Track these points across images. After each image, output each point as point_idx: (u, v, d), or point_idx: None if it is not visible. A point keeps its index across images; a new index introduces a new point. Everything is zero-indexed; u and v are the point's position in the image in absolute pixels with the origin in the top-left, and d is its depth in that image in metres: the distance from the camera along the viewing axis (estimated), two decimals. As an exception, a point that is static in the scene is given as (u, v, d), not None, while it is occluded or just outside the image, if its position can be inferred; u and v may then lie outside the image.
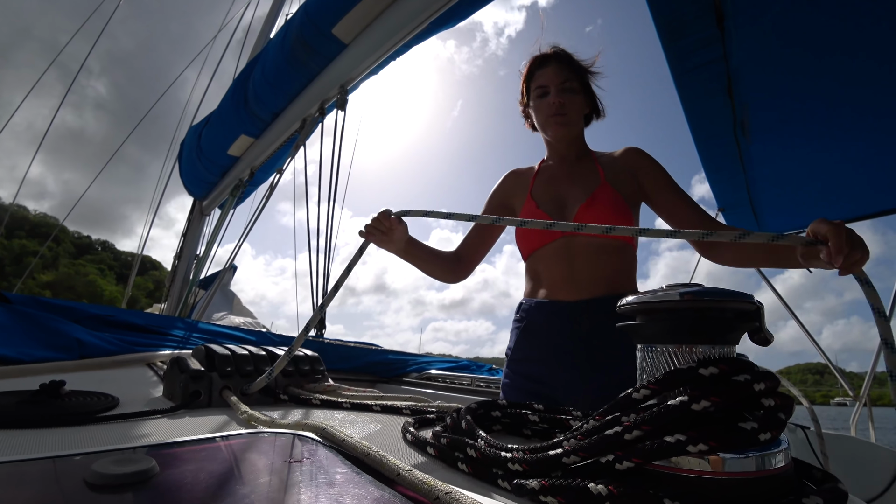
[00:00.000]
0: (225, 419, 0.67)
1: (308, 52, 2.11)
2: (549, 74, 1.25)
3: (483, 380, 1.92)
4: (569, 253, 1.21)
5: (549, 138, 1.32)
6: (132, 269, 5.41)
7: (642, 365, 0.40)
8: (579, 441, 0.36)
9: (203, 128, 3.29)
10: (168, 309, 3.79)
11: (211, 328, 1.78)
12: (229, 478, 0.36)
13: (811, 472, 0.39)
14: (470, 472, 0.42)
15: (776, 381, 0.35)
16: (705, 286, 0.37)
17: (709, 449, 0.31)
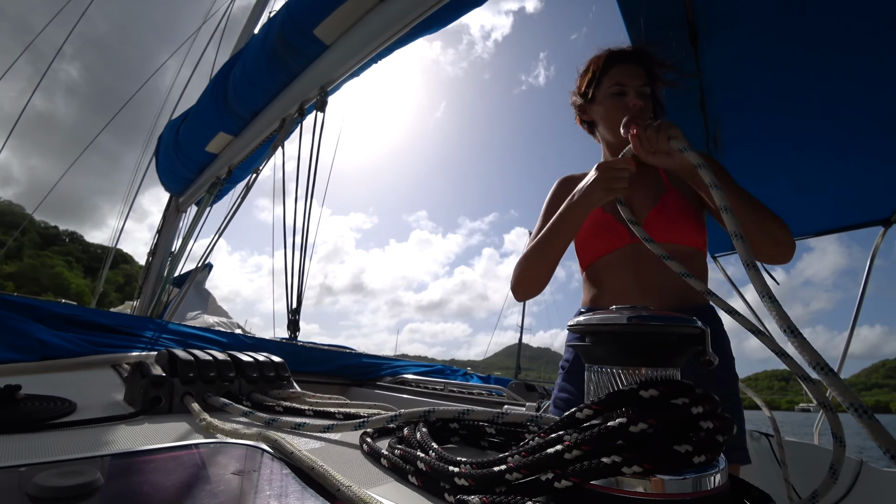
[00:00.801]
0: (184, 426, 0.66)
1: (289, 51, 2.09)
2: (631, 73, 1.16)
3: (456, 385, 1.93)
4: (637, 260, 1.13)
5: (615, 141, 1.21)
6: (104, 263, 5.28)
7: (589, 385, 0.41)
8: (523, 458, 0.37)
9: (181, 123, 3.23)
10: (140, 307, 3.70)
11: (181, 329, 1.75)
12: (173, 490, 0.36)
13: (749, 490, 0.40)
14: (419, 485, 0.43)
15: (715, 405, 0.36)
16: (653, 310, 0.39)
17: (643, 471, 0.32)
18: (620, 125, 1.09)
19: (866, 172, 2.45)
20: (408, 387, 1.93)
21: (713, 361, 0.43)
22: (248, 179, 2.42)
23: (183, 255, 3.28)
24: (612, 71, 1.18)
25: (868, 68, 1.75)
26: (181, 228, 3.77)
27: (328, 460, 0.52)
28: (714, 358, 0.42)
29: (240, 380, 0.84)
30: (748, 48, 1.64)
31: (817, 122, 2.08)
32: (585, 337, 0.42)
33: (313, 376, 1.98)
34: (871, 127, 2.07)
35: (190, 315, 3.93)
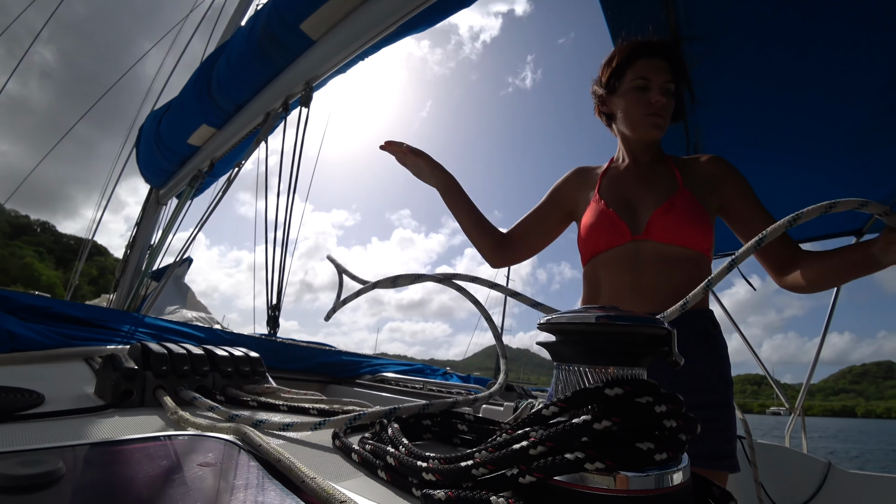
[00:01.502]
0: (154, 420, 0.66)
1: (275, 45, 2.08)
2: (656, 68, 1.12)
3: (435, 384, 1.93)
4: (637, 259, 1.11)
5: (633, 136, 1.19)
6: (80, 256, 5.16)
7: (556, 383, 0.42)
8: (490, 453, 0.37)
9: (163, 114, 3.18)
10: (117, 301, 3.63)
11: (157, 323, 1.72)
12: (137, 481, 0.36)
13: (711, 489, 0.41)
14: (388, 479, 0.43)
15: (680, 404, 0.37)
16: (621, 310, 0.40)
17: (605, 467, 0.32)
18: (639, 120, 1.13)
19: (843, 184, 2.53)
20: (387, 385, 1.93)
21: (679, 362, 0.44)
22: (230, 173, 2.39)
23: (162, 249, 3.23)
24: (637, 64, 1.14)
25: (843, 85, 1.80)
26: (161, 221, 3.70)
27: (299, 455, 0.52)
28: (679, 359, 0.43)
29: (214, 374, 0.83)
30: (729, 59, 1.68)
31: (794, 134, 2.14)
32: (555, 335, 0.42)
33: (292, 373, 1.96)
34: (846, 141, 2.13)
35: (168, 309, 3.86)
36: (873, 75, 1.72)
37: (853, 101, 1.87)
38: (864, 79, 1.76)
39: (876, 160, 2.25)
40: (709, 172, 1.16)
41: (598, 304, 1.17)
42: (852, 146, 2.14)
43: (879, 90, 1.79)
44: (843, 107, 1.92)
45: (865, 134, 2.05)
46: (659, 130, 1.15)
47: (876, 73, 1.71)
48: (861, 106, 1.90)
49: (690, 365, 0.95)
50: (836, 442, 30.94)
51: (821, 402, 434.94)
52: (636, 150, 1.22)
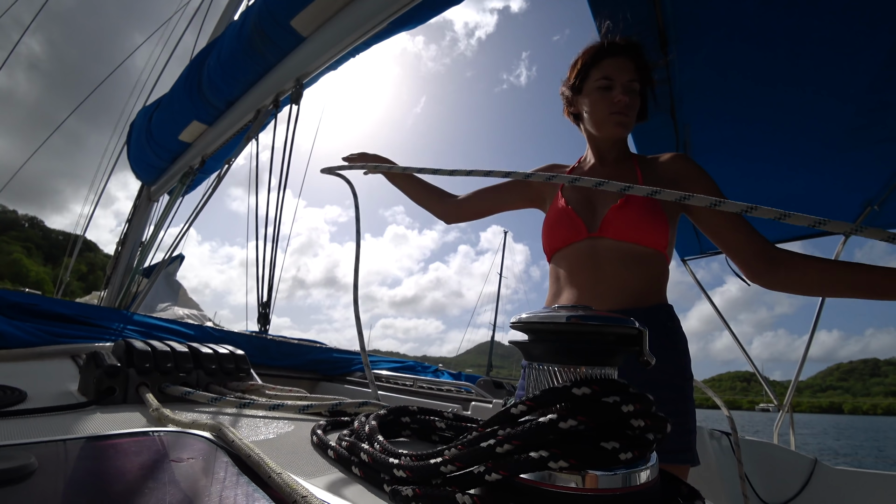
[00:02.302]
0: (136, 417, 0.66)
1: (265, 42, 2.06)
2: (620, 67, 1.13)
3: (426, 381, 1.94)
4: (594, 256, 1.12)
5: (598, 135, 1.20)
6: (69, 252, 5.11)
7: (528, 381, 0.42)
8: (459, 451, 0.37)
9: (154, 111, 3.16)
10: (108, 298, 3.61)
11: (147, 321, 1.72)
12: (109, 476, 0.36)
13: (679, 487, 0.42)
14: (362, 475, 0.43)
15: (648, 404, 0.38)
16: (593, 310, 0.40)
17: (570, 466, 0.33)
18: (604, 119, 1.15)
19: (830, 182, 2.55)
20: (378, 382, 1.93)
21: (650, 362, 0.44)
22: (220, 171, 2.38)
23: (153, 246, 3.22)
24: (602, 63, 1.15)
25: (832, 83, 1.82)
26: (152, 218, 3.68)
27: (275, 450, 0.52)
28: (651, 358, 0.44)
29: (198, 371, 0.83)
30: (718, 57, 1.69)
31: (784, 132, 2.15)
32: (527, 334, 0.43)
33: (283, 370, 1.96)
34: (834, 139, 2.15)
35: (160, 307, 3.85)
36: (861, 73, 1.74)
37: (841, 99, 1.89)
38: (851, 77, 1.77)
39: (863, 158, 2.27)
40: (671, 171, 1.17)
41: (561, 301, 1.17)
42: (840, 144, 2.16)
43: (867, 89, 1.80)
44: (830, 105, 1.94)
45: (853, 132, 2.07)
46: (623, 129, 1.16)
47: (863, 71, 1.72)
48: (849, 104, 1.91)
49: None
50: (826, 439, 31.31)
51: (809, 398, 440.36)
52: (602, 148, 1.24)
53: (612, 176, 1.19)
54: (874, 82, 1.77)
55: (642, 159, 1.23)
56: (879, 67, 1.69)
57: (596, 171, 1.23)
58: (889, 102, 1.88)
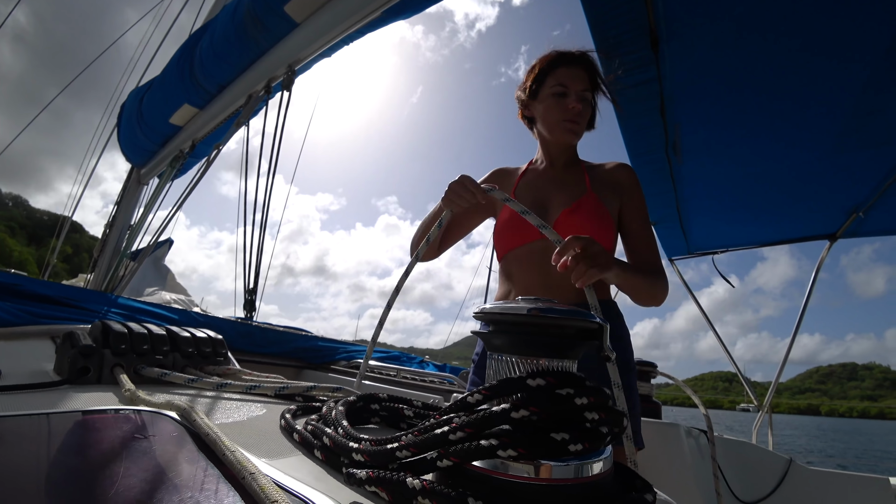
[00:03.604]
0: (107, 396, 0.66)
1: (258, 26, 2.05)
2: (574, 77, 1.19)
3: (409, 372, 1.95)
4: (545, 257, 1.16)
5: (550, 139, 1.26)
6: (57, 234, 5.06)
7: (489, 372, 0.43)
8: (415, 437, 0.38)
9: (145, 93, 3.13)
10: (95, 281, 3.58)
11: (130, 304, 1.71)
12: (68, 450, 0.37)
13: (634, 481, 0.43)
14: (323, 458, 0.44)
15: (604, 397, 0.38)
16: (556, 304, 0.40)
17: (518, 455, 0.33)
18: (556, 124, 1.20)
19: (817, 188, 2.58)
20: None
21: (610, 356, 0.45)
22: (210, 156, 2.37)
23: (142, 229, 3.19)
24: (558, 71, 1.21)
25: (819, 89, 1.83)
26: (141, 201, 3.65)
27: (243, 432, 0.53)
28: (611, 353, 0.45)
29: (174, 354, 0.83)
30: (708, 58, 1.70)
31: (773, 136, 2.17)
32: (490, 325, 0.43)
33: (267, 357, 1.96)
34: (822, 145, 2.17)
35: (147, 291, 3.82)
36: (849, 80, 1.76)
37: (830, 105, 1.91)
38: (840, 84, 1.79)
39: (850, 165, 2.30)
40: (615, 178, 1.25)
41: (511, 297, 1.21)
42: (828, 150, 2.19)
43: (853, 96, 1.82)
44: (819, 111, 1.96)
45: (841, 138, 2.10)
46: (574, 136, 1.22)
47: (851, 78, 1.74)
48: (837, 110, 1.93)
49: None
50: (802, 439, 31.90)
51: (788, 399, 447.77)
52: (552, 153, 1.29)
53: (561, 179, 1.27)
54: (862, 89, 1.79)
55: (590, 165, 1.30)
56: (867, 75, 1.71)
57: (547, 173, 1.29)
58: (875, 109, 1.90)
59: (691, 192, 2.64)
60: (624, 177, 1.25)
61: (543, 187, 1.26)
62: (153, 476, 0.31)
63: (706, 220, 3.00)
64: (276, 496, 0.25)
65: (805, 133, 2.12)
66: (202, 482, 0.31)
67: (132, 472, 0.32)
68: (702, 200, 2.74)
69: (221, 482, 0.31)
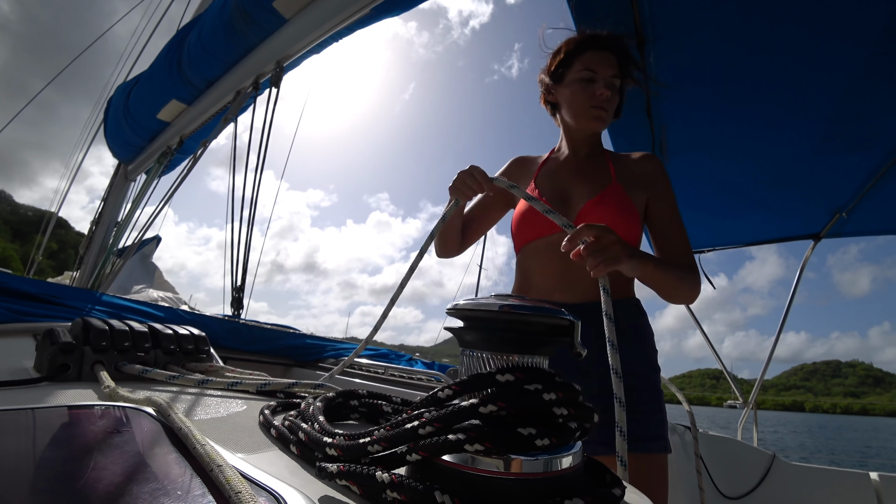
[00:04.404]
0: (86, 393, 0.66)
1: (247, 22, 2.03)
2: (603, 61, 1.12)
3: (397, 369, 1.95)
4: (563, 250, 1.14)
5: (575, 127, 1.20)
6: (43, 231, 4.99)
7: (460, 367, 0.43)
8: (387, 432, 0.38)
9: (133, 87, 3.09)
10: (80, 278, 3.54)
11: (115, 301, 1.69)
12: (39, 445, 0.37)
13: (603, 475, 0.43)
14: (298, 453, 0.44)
15: (574, 394, 0.39)
16: (528, 301, 0.41)
17: (484, 449, 0.33)
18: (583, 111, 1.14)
19: (801, 190, 2.62)
20: (350, 369, 1.94)
21: (581, 353, 0.45)
22: (197, 152, 2.35)
23: (129, 226, 3.16)
24: (585, 55, 1.14)
25: (802, 92, 1.86)
26: (128, 197, 3.61)
27: (221, 428, 0.53)
28: (582, 350, 0.45)
29: (156, 351, 0.83)
30: (694, 60, 1.71)
31: (759, 137, 2.20)
32: (462, 321, 0.44)
33: (255, 355, 1.96)
34: (806, 147, 2.21)
35: (135, 289, 3.79)
36: (833, 84, 1.78)
37: (814, 108, 1.94)
38: (824, 87, 1.82)
39: (834, 167, 2.34)
40: (642, 169, 1.19)
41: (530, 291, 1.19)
42: (812, 152, 2.22)
43: (839, 99, 1.85)
44: (804, 113, 1.99)
45: (824, 141, 2.13)
46: (601, 123, 1.16)
47: (836, 82, 1.77)
48: (821, 114, 1.96)
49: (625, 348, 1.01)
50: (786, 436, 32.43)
51: (773, 396, 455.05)
52: (576, 141, 1.23)
53: (585, 169, 1.20)
54: (843, 95, 1.82)
55: (614, 155, 1.24)
56: (850, 79, 1.74)
57: (570, 163, 1.23)
58: (859, 113, 1.94)
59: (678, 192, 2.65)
60: (651, 168, 1.19)
61: (566, 177, 1.20)
62: (123, 469, 0.32)
63: (693, 219, 3.03)
64: (240, 487, 0.25)
65: (789, 136, 2.15)
66: (171, 474, 0.31)
67: (103, 466, 0.32)
68: (689, 200, 2.77)
69: (190, 474, 0.31)
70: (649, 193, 1.17)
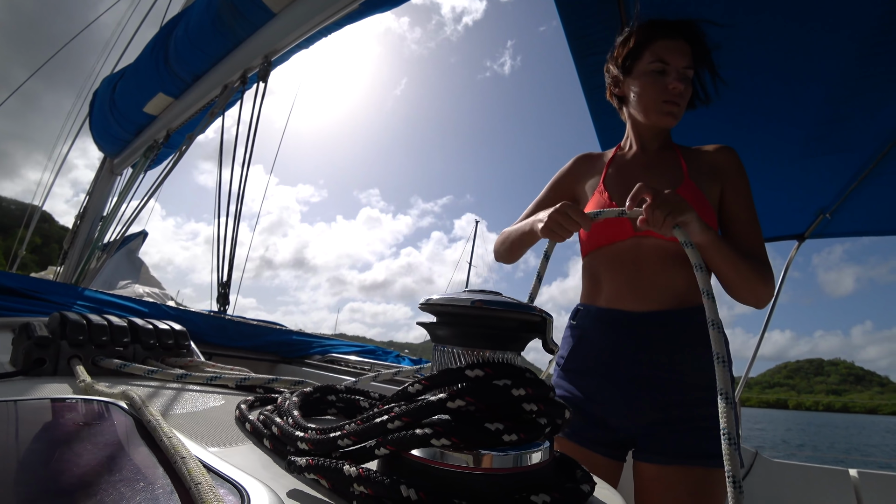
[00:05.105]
0: (62, 387, 0.65)
1: (235, 15, 2.02)
2: (677, 51, 1.04)
3: (383, 366, 1.95)
4: (637, 256, 1.06)
5: (645, 122, 1.13)
6: (27, 225, 4.91)
7: (432, 363, 0.43)
8: (357, 426, 0.38)
9: (118, 80, 3.05)
10: (65, 274, 3.49)
11: (97, 296, 1.67)
12: (8, 438, 0.36)
13: (574, 471, 0.43)
14: (271, 447, 0.44)
15: (544, 390, 0.39)
16: (502, 296, 0.40)
17: (451, 444, 0.34)
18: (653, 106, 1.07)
19: (786, 189, 2.64)
20: (336, 366, 1.94)
21: (554, 349, 0.45)
22: (183, 146, 2.32)
23: (114, 220, 3.12)
24: (657, 45, 1.06)
25: (787, 94, 1.88)
26: (114, 192, 3.57)
27: (196, 422, 0.53)
28: (555, 346, 0.45)
29: (135, 346, 0.82)
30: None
31: (742, 138, 2.22)
32: (435, 316, 0.43)
33: (241, 351, 1.94)
34: (792, 147, 2.23)
35: (121, 284, 3.74)
36: (818, 86, 1.80)
37: (799, 110, 1.96)
38: (809, 89, 1.84)
39: (818, 168, 2.37)
40: (714, 161, 1.12)
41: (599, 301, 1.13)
42: (796, 153, 2.24)
43: (820, 102, 1.87)
44: (788, 115, 2.01)
45: (809, 142, 2.15)
46: (673, 119, 1.09)
47: (820, 83, 1.79)
48: (806, 115, 1.98)
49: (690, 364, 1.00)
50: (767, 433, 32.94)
51: (758, 394, 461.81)
52: (645, 136, 1.17)
53: (655, 165, 1.14)
54: (827, 96, 1.84)
55: (685, 150, 1.17)
56: (835, 81, 1.76)
57: (638, 159, 1.17)
58: (843, 115, 1.96)
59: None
60: (724, 160, 1.11)
61: (636, 175, 1.11)
62: (88, 460, 0.31)
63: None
64: (200, 479, 0.25)
65: (773, 138, 2.17)
66: (136, 466, 0.31)
67: (68, 458, 0.32)
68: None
69: (155, 466, 0.31)
70: (723, 187, 1.10)
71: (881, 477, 2.13)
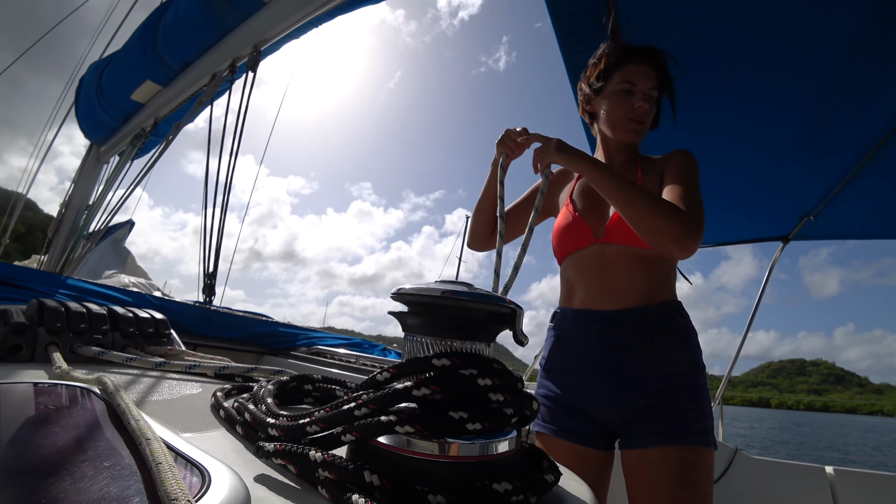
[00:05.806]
0: (38, 374, 0.65)
1: (224, 3, 2.00)
2: (643, 74, 1.15)
3: (369, 359, 1.95)
4: (602, 260, 1.14)
5: (612, 137, 1.23)
6: (9, 212, 4.83)
7: (403, 352, 0.43)
8: (326, 413, 0.39)
9: (105, 67, 3.01)
10: (49, 262, 3.45)
11: (81, 285, 1.66)
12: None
13: (541, 461, 0.44)
14: (243, 434, 0.45)
15: (511, 380, 0.39)
16: (473, 288, 0.41)
17: (415, 431, 0.34)
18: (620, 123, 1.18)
19: (770, 192, 2.68)
20: (321, 358, 1.94)
21: (523, 342, 0.46)
22: (170, 134, 2.30)
23: (100, 209, 3.08)
24: (625, 68, 1.17)
25: (774, 97, 1.90)
26: (100, 180, 3.52)
27: (171, 409, 0.53)
28: (524, 338, 0.46)
29: (114, 333, 0.82)
30: (668, 63, 1.73)
31: (728, 141, 2.24)
32: (407, 306, 0.44)
33: (226, 342, 1.94)
34: (776, 150, 2.26)
35: (106, 274, 3.69)
36: (803, 89, 1.83)
37: (783, 113, 1.98)
38: (794, 92, 1.86)
39: (802, 171, 2.40)
40: (665, 163, 1.19)
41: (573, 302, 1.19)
42: (781, 156, 2.27)
43: (806, 105, 1.90)
44: (773, 118, 2.03)
45: (793, 146, 2.18)
46: (637, 135, 1.18)
47: (805, 87, 1.81)
48: (791, 118, 2.01)
49: (661, 354, 1.07)
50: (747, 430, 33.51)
51: (741, 392, 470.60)
52: (611, 150, 1.26)
53: None
54: (813, 99, 1.86)
55: (645, 160, 1.25)
56: (820, 85, 1.79)
57: None
58: (828, 119, 1.99)
59: (654, 191, 2.71)
60: (672, 157, 1.19)
61: None
62: (53, 443, 0.31)
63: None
64: (161, 459, 0.25)
65: (759, 140, 2.20)
66: (102, 447, 0.31)
67: (33, 440, 0.32)
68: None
69: (121, 447, 0.31)
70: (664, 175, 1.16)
71: (856, 474, 2.18)
